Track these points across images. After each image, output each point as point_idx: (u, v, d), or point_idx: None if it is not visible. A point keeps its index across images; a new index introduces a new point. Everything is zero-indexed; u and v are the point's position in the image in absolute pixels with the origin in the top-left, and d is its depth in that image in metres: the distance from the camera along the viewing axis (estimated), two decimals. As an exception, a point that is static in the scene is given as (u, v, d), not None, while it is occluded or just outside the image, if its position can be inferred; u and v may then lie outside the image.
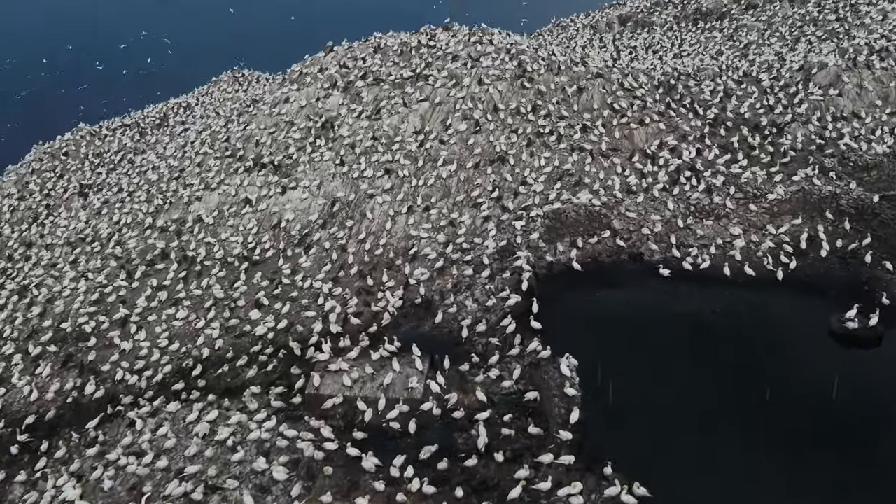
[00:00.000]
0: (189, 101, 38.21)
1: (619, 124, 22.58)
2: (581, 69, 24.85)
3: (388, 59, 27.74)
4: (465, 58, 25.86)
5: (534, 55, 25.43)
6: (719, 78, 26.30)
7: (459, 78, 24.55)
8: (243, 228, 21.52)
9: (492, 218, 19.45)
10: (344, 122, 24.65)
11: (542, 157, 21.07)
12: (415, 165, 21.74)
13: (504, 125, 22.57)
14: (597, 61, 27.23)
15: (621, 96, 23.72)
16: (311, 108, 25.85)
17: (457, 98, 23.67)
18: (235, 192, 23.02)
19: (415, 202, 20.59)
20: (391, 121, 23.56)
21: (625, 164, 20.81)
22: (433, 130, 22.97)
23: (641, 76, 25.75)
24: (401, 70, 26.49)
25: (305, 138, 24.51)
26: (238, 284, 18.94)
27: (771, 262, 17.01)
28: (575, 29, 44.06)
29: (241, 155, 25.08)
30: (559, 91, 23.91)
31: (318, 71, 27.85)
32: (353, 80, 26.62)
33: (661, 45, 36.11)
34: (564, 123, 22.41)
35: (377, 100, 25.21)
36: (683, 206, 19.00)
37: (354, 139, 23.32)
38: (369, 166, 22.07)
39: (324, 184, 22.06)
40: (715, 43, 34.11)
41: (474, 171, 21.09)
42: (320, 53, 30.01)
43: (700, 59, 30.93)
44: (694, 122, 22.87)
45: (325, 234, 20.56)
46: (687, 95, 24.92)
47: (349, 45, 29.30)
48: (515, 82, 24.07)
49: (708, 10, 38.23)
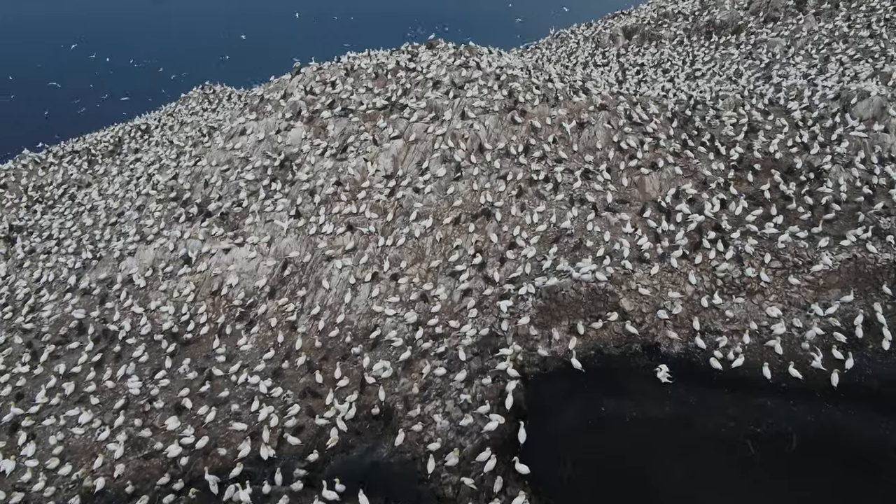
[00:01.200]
0: (149, 123, 34.68)
1: (627, 168, 19.02)
2: (582, 99, 21.29)
3: (360, 83, 24.23)
4: (448, 84, 22.32)
5: (527, 82, 21.87)
6: (742, 107, 22.74)
7: (440, 110, 21.00)
8: (178, 295, 17.97)
9: (473, 292, 15.90)
10: (305, 160, 21.13)
11: (535, 212, 17.53)
12: (383, 220, 18.20)
13: (490, 170, 19.02)
14: (601, 87, 23.70)
15: (629, 132, 20.16)
16: (270, 142, 22.32)
17: (436, 135, 20.12)
18: (174, 246, 19.48)
19: (381, 267, 17.05)
20: (358, 161, 20.01)
21: (635, 222, 17.24)
22: (407, 175, 19.42)
23: (652, 106, 22.20)
24: (374, 98, 22.97)
25: (259, 180, 20.98)
26: (160, 375, 15.39)
27: (821, 358, 13.45)
28: (575, 42, 40.49)
29: (186, 198, 21.56)
30: (556, 126, 20.36)
31: (280, 97, 24.32)
32: (319, 110, 23.11)
33: (670, 62, 32.56)
34: (562, 168, 18.85)
35: (345, 134, 21.68)
36: (708, 279, 15.44)
37: (315, 184, 19.77)
38: (329, 220, 18.51)
39: (275, 240, 18.50)
40: (732, 61, 30.54)
41: (453, 229, 17.54)
42: (287, 75, 26.53)
43: (717, 82, 27.38)
44: (716, 165, 19.32)
45: (272, 307, 17.02)
46: (706, 130, 21.37)
47: (319, 67, 25.77)
48: (505, 116, 20.52)
49: (722, 22, 34.68)
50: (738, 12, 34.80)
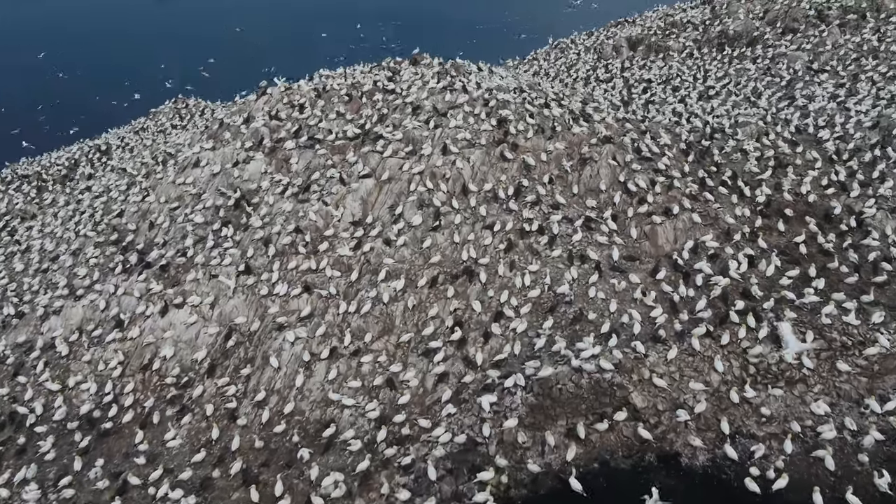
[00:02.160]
0: (110, 143, 31.78)
1: (636, 215, 16.16)
2: (583, 129, 18.43)
3: (331, 107, 21.37)
4: (429, 111, 19.47)
5: (519, 109, 19.01)
6: (766, 136, 19.89)
7: (418, 143, 18.15)
8: (104, 368, 15.14)
9: (449, 377, 13.05)
10: (263, 200, 18.27)
11: (527, 272, 14.66)
12: (346, 279, 15.34)
13: (475, 217, 16.16)
14: (604, 111, 20.85)
15: (638, 170, 17.30)
16: (226, 176, 19.46)
17: (412, 174, 17.27)
18: (106, 303, 16.65)
19: (341, 340, 14.20)
20: (322, 204, 17.16)
21: (647, 286, 14.37)
22: (377, 222, 16.56)
23: (663, 135, 19.35)
24: (345, 125, 20.13)
25: (210, 223, 18.13)
26: (65, 482, 12.56)
27: (887, 478, 10.60)
28: (576, 52, 37.60)
29: (128, 241, 18.73)
30: (553, 163, 17.50)
31: (242, 122, 21.47)
32: (283, 139, 20.25)
33: (680, 77, 29.68)
34: (560, 216, 15.98)
35: (310, 169, 18.82)
36: (738, 364, 12.56)
37: (270, 231, 16.93)
38: (284, 277, 15.67)
39: (220, 301, 15.65)
40: (748, 77, 27.66)
41: (429, 293, 14.69)
42: (252, 95, 23.69)
43: (734, 103, 24.50)
44: (740, 210, 16.45)
45: (210, 388, 14.17)
46: (726, 165, 18.51)
47: (287, 87, 22.91)
48: (493, 151, 17.66)
49: (735, 33, 31.79)
50: (753, 22, 31.92)
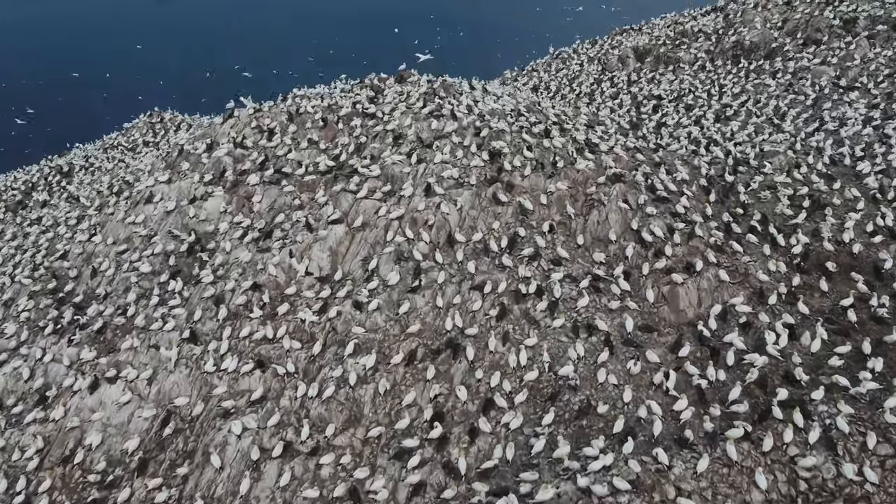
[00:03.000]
0: (73, 163, 29.30)
1: (652, 272, 13.70)
2: (589, 164, 15.98)
3: (304, 133, 18.97)
4: (413, 140, 17.05)
5: (516, 140, 16.57)
6: (797, 169, 17.42)
7: (398, 181, 15.72)
8: (19, 457, 12.70)
9: (426, 490, 10.57)
10: (220, 247, 15.84)
11: (523, 348, 12.20)
12: (308, 352, 12.87)
13: (461, 274, 13.71)
14: (612, 139, 18.40)
15: (653, 214, 14.84)
16: (181, 215, 17.04)
17: (390, 219, 14.82)
18: (31, 372, 14.23)
19: (298, 433, 11.72)
20: (285, 255, 14.70)
21: (668, 366, 11.89)
22: (347, 279, 14.11)
23: (680, 168, 16.91)
24: (318, 156, 17.73)
25: (157, 273, 15.70)
26: None
27: None
28: (578, 63, 35.09)
29: (67, 291, 16.36)
30: (554, 207, 15.05)
31: (204, 150, 19.05)
32: (247, 171, 17.84)
33: (693, 93, 27.20)
34: (562, 274, 13.52)
35: (274, 209, 16.40)
36: (786, 478, 10.10)
37: (223, 288, 14.48)
38: (235, 349, 13.21)
39: (159, 376, 13.20)
40: (769, 94, 25.19)
41: (405, 373, 12.22)
42: (218, 118, 21.26)
43: (755, 126, 22.02)
44: (774, 264, 13.99)
45: (139, 490, 11.70)
46: (754, 206, 16.07)
47: (257, 109, 20.49)
48: (485, 191, 15.21)
49: (752, 44, 29.31)
50: (771, 32, 29.45)
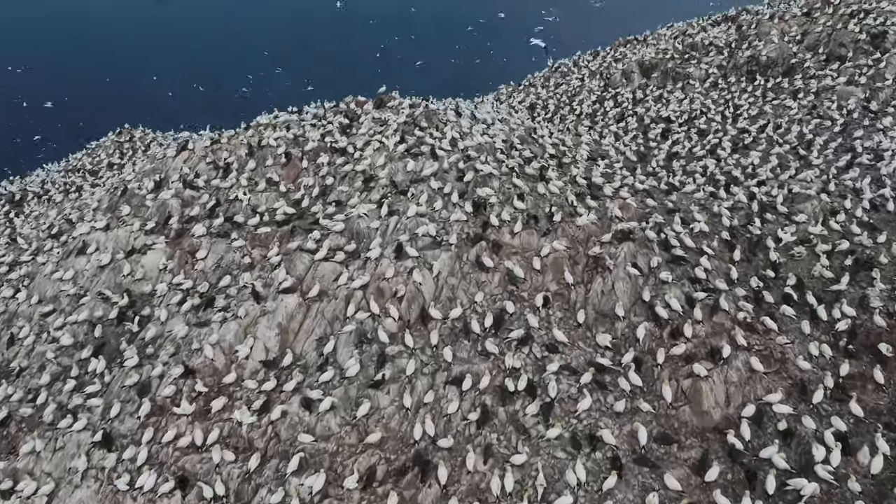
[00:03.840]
0: (27, 189, 26.81)
1: (669, 360, 11.19)
2: (591, 216, 13.49)
3: (264, 171, 16.54)
4: (386, 185, 14.60)
5: (505, 186, 14.10)
6: (833, 217, 14.90)
7: (364, 238, 13.24)
8: None
9: None
10: (154, 315, 13.36)
11: (510, 469, 9.69)
12: (242, 467, 10.38)
13: (436, 363, 11.21)
14: (617, 178, 15.92)
15: (669, 281, 12.34)
16: (116, 271, 14.59)
17: (352, 289, 12.33)
18: (-82, 474, 11.75)
19: (223, 582, 9.28)
20: (226, 331, 12.23)
21: (692, 496, 9.39)
22: (298, 365, 11.62)
23: (697, 216, 14.43)
24: (276, 201, 15.32)
25: (79, 348, 13.22)
26: None
27: None
28: (578, 78, 32.56)
29: (-21, 364, 13.87)
30: (550, 273, 12.55)
31: (151, 189, 16.62)
32: (195, 217, 15.41)
33: (705, 115, 24.68)
34: (558, 364, 11.01)
35: (220, 268, 13.94)
36: None
37: (150, 372, 11.99)
38: (155, 458, 10.69)
39: (61, 490, 10.71)
40: (790, 118, 22.68)
41: (361, 500, 9.73)
42: (170, 150, 18.73)
43: (778, 157, 19.50)
44: (815, 347, 11.47)
45: None
46: (787, 267, 13.56)
47: (215, 140, 18.04)
48: (467, 253, 12.72)
49: (769, 59, 26.80)
50: (790, 46, 26.93)
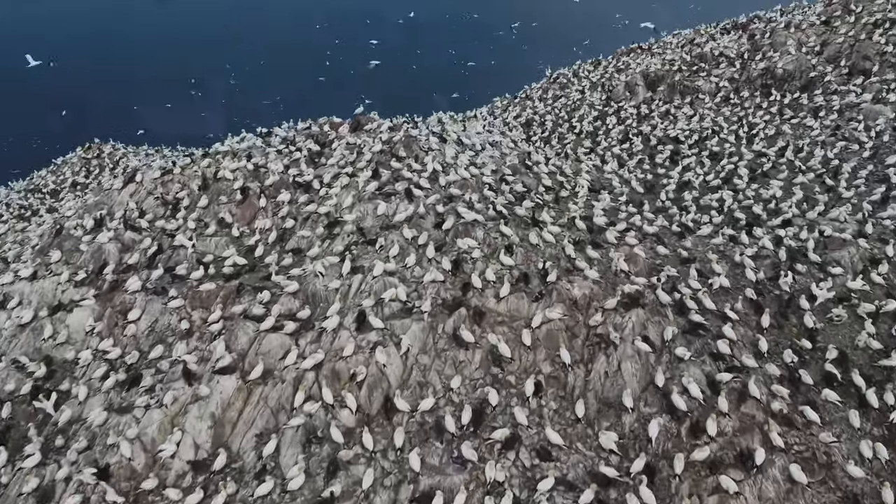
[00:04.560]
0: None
1: (690, 467, 9.01)
2: (593, 275, 11.36)
3: (216, 210, 14.45)
4: (351, 232, 12.48)
5: (491, 237, 11.97)
6: (875, 268, 12.74)
7: (321, 303, 11.08)
8: None
9: None
10: (72, 393, 11.24)
11: None
12: None
13: (400, 470, 9.03)
14: (622, 218, 13.80)
15: (687, 359, 10.18)
16: (37, 332, 12.48)
17: (303, 370, 10.16)
18: None
19: None
20: (148, 422, 10.08)
21: None
22: (231, 469, 9.44)
23: (717, 269, 12.31)
24: (227, 247, 13.29)
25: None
26: None
27: None
28: (579, 90, 30.37)
29: None
30: (542, 349, 10.38)
31: (91, 228, 14.55)
32: (133, 266, 13.31)
33: (717, 135, 22.52)
34: (553, 477, 8.83)
35: (154, 334, 11.83)
36: None
37: (55, 474, 9.84)
38: None
39: None
40: (812, 140, 20.54)
41: None
42: (118, 181, 16.61)
43: (803, 188, 17.34)
44: (867, 446, 9.31)
45: None
46: (825, 334, 11.41)
47: (167, 170, 15.93)
48: (443, 323, 10.57)
49: (785, 72, 24.66)
50: (808, 58, 24.78)
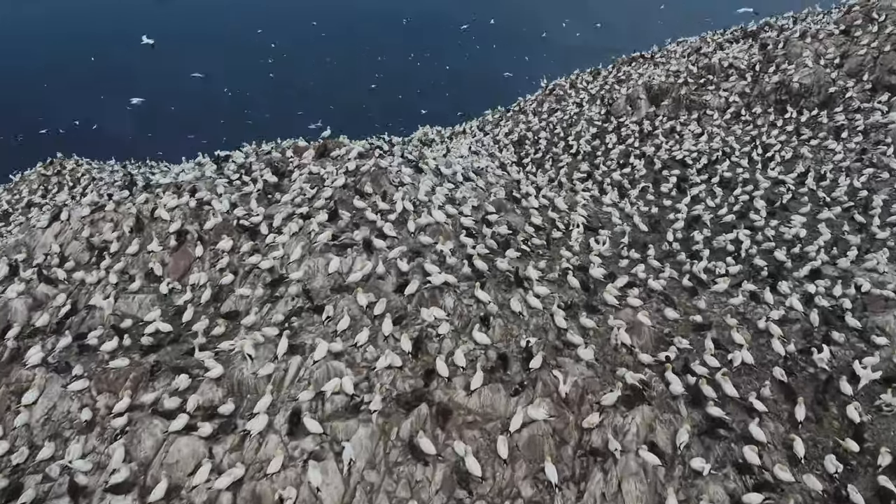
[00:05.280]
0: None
1: None
2: (588, 359, 9.22)
3: (145, 259, 12.31)
4: (296, 294, 10.35)
5: (463, 307, 9.82)
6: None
7: (248, 392, 8.90)
8: None
9: None
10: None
11: None
12: None
13: None
14: (624, 271, 11.65)
15: (706, 472, 8.05)
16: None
17: (216, 490, 7.99)
18: None
19: None
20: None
21: None
22: None
23: (738, 339, 10.17)
24: (151, 309, 11.15)
25: None
26: None
27: None
28: (576, 103, 28.14)
29: None
30: (523, 465, 8.21)
31: (2, 279, 12.37)
32: (40, 331, 11.15)
33: (728, 157, 20.33)
34: None
35: (49, 426, 9.65)
36: None
37: None
38: None
39: None
40: (835, 165, 18.38)
41: None
42: (43, 219, 14.42)
43: (829, 224, 15.18)
44: None
45: None
46: (873, 432, 9.25)
47: (99, 206, 13.79)
48: (398, 426, 8.40)
49: (802, 87, 22.48)
50: (827, 72, 22.60)
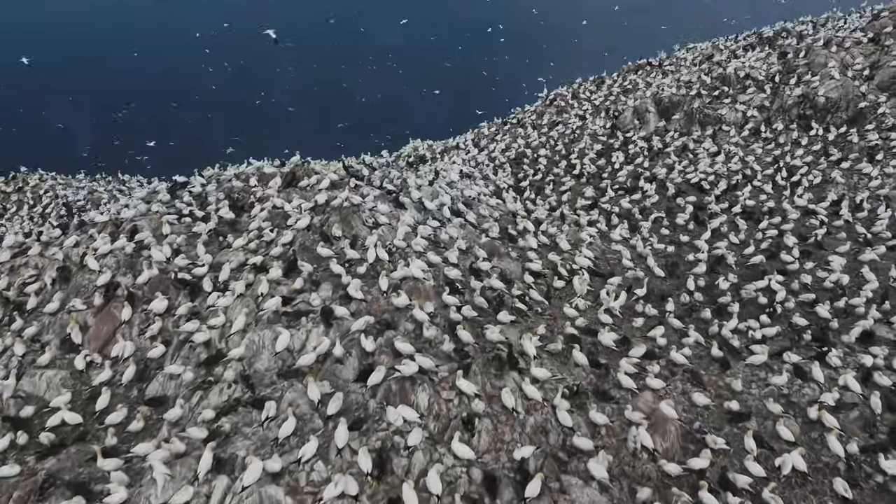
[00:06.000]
0: None
1: None
2: (602, 478, 7.19)
3: (63, 324, 10.32)
4: (232, 380, 8.33)
5: (441, 402, 7.81)
6: None
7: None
8: None
9: None
10: None
11: None
12: None
13: None
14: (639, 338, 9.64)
15: None
16: None
17: None
18: None
19: None
20: None
21: None
22: None
23: (784, 433, 8.19)
24: (60, 391, 9.31)
25: None
26: None
27: None
28: (578, 115, 26.11)
29: None
30: None
31: None
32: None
33: (749, 181, 18.29)
34: None
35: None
36: None
37: None
38: None
39: None
40: (871, 192, 16.37)
41: None
42: None
43: (872, 267, 13.14)
44: None
45: None
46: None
47: (21, 249, 11.78)
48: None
49: (828, 101, 20.44)
50: (856, 84, 20.55)
